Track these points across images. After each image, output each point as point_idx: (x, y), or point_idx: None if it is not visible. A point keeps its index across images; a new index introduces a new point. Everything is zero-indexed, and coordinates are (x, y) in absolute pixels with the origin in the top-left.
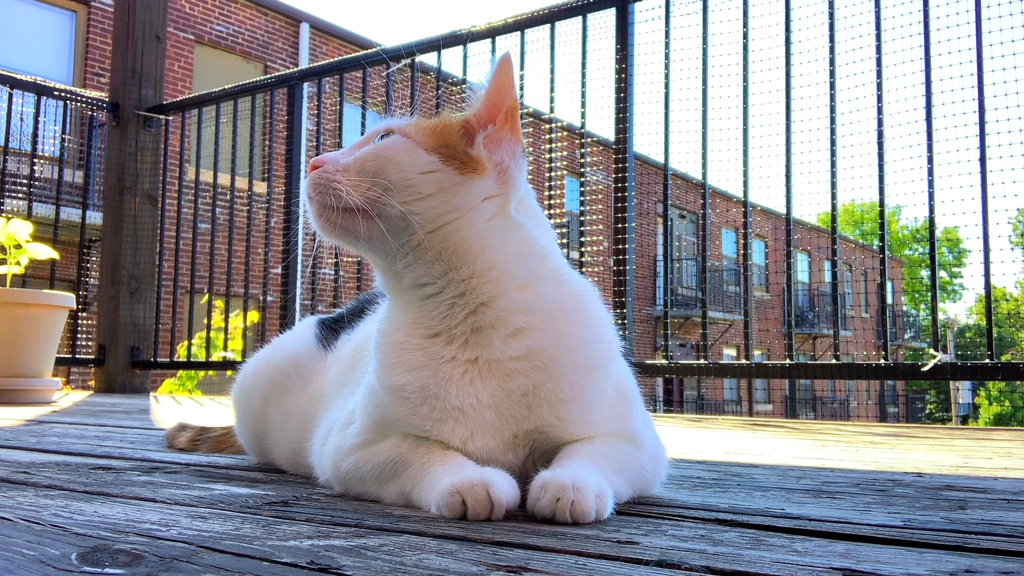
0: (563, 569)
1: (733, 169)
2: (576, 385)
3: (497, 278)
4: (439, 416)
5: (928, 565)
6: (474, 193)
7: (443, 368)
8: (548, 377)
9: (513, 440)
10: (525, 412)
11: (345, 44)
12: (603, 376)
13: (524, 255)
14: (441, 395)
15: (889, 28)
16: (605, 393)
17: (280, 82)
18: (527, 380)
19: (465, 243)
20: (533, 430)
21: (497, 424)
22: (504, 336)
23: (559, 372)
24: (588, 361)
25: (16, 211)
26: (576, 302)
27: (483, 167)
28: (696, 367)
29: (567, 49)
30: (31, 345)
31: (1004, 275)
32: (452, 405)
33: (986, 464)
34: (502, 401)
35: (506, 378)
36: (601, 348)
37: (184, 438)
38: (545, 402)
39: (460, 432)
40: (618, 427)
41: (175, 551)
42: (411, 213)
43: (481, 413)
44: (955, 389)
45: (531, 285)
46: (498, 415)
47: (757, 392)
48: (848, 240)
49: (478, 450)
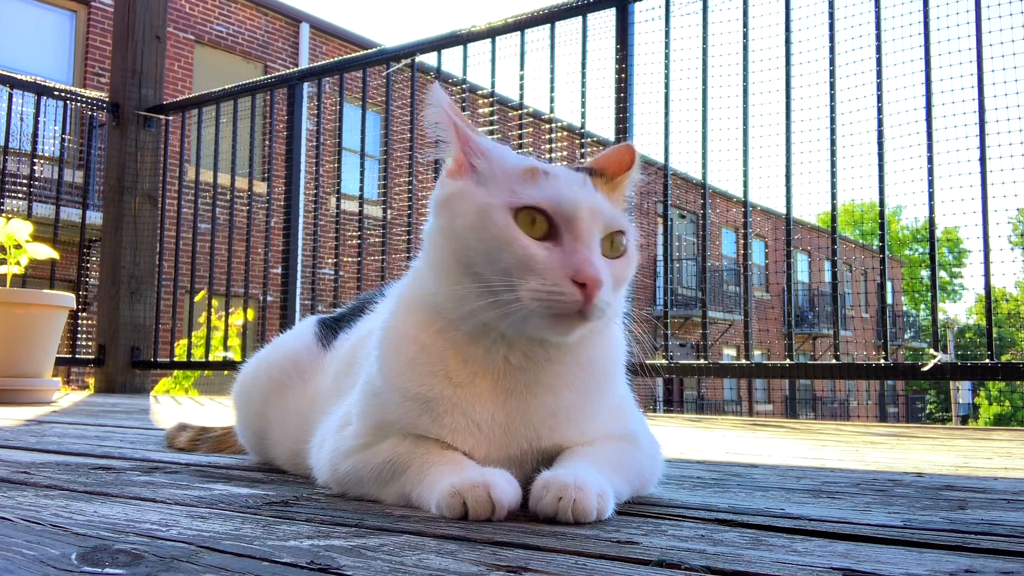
0: (563, 569)
1: (733, 169)
2: (599, 399)
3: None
4: (440, 429)
5: (928, 565)
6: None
7: (462, 389)
8: (580, 396)
9: (520, 455)
10: (546, 433)
11: (345, 44)
12: (615, 385)
13: None
14: (466, 408)
15: (889, 28)
16: (613, 400)
17: (280, 82)
18: (556, 400)
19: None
20: (540, 449)
21: (505, 441)
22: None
23: (588, 388)
24: (607, 375)
25: (16, 211)
26: None
27: None
28: (696, 367)
29: (567, 49)
30: (31, 345)
31: (1004, 275)
32: (474, 420)
33: (986, 464)
34: (515, 420)
35: (533, 397)
36: (619, 357)
37: (184, 438)
38: (572, 423)
39: (462, 443)
40: (617, 428)
41: (175, 551)
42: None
43: (494, 430)
44: (955, 389)
45: None
46: (506, 433)
47: (757, 392)
48: (848, 240)
49: (479, 461)
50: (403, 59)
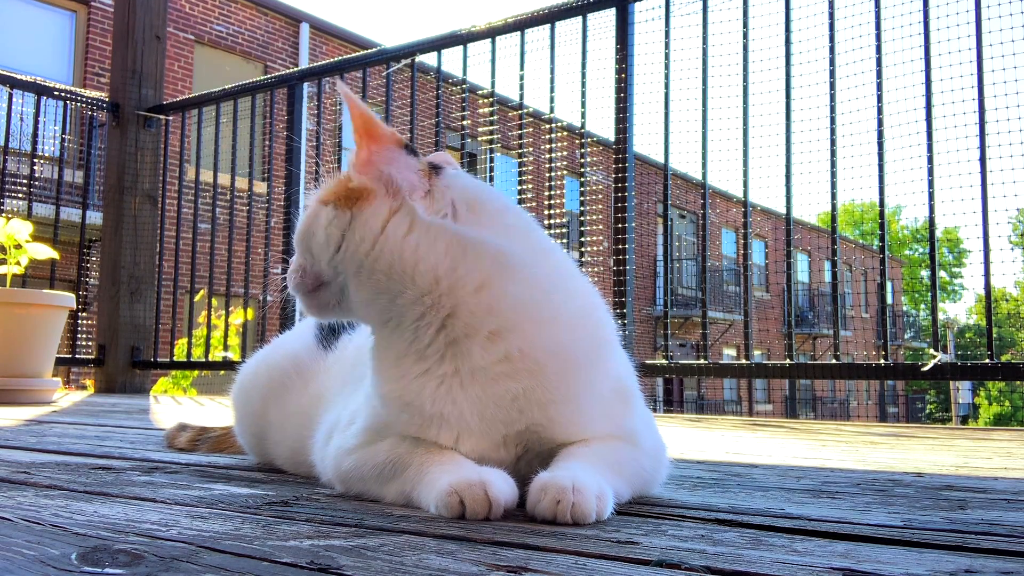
0: (563, 569)
1: (733, 169)
2: (564, 385)
3: (449, 288)
4: (421, 423)
5: (928, 565)
6: (371, 219)
7: (415, 382)
8: (537, 381)
9: (504, 440)
10: (516, 415)
11: (345, 44)
12: (595, 372)
13: (466, 257)
14: (416, 404)
15: (889, 28)
16: (599, 389)
17: (280, 82)
18: (516, 384)
19: (393, 267)
20: (524, 430)
21: (483, 428)
22: (482, 342)
23: (545, 374)
24: (575, 359)
25: (16, 211)
26: (556, 296)
27: (370, 192)
28: (696, 367)
29: (567, 49)
30: (31, 345)
31: (1004, 275)
32: (429, 413)
33: (986, 464)
34: (488, 407)
35: (492, 383)
36: (590, 344)
37: (184, 438)
38: (535, 404)
39: (446, 436)
40: (615, 425)
41: (175, 551)
42: (333, 263)
43: (464, 419)
44: (955, 389)
45: (488, 286)
46: (482, 420)
47: (757, 392)
48: (848, 240)
49: (468, 451)
50: (403, 59)
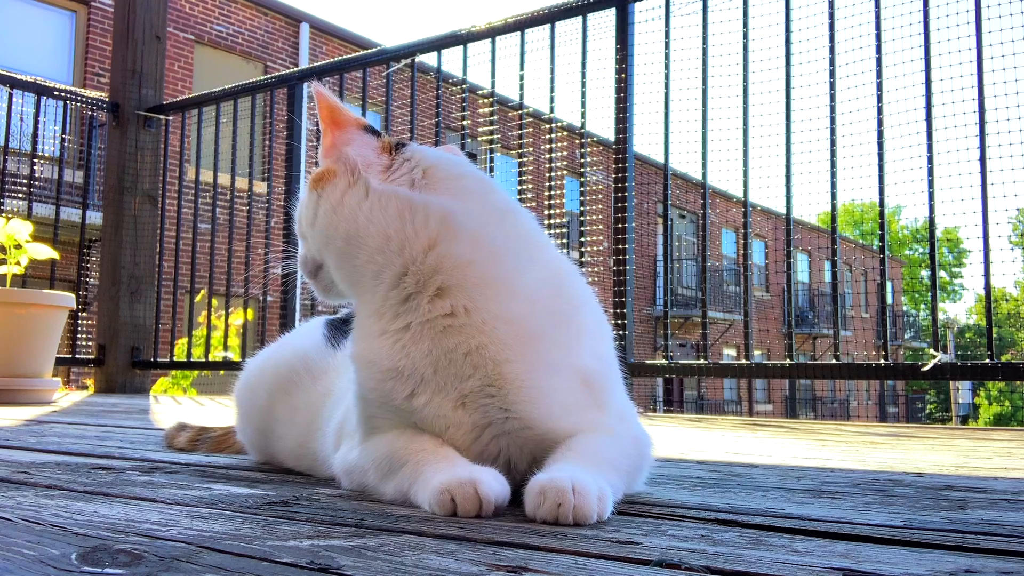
0: (563, 569)
1: (733, 169)
2: (520, 348)
3: (399, 246)
4: (380, 377)
5: (928, 565)
6: (331, 194)
7: (376, 341)
8: (489, 339)
9: (463, 400)
10: (470, 371)
11: (345, 44)
12: (558, 349)
13: (415, 218)
14: (375, 360)
15: (889, 28)
16: (565, 369)
17: (280, 82)
18: (468, 339)
19: (350, 233)
20: (479, 390)
21: (438, 381)
22: (430, 297)
23: (496, 334)
24: (530, 329)
25: (16, 211)
26: (508, 261)
27: (333, 172)
28: (696, 367)
29: (567, 49)
30: (31, 345)
31: (1004, 275)
32: (385, 368)
33: (986, 464)
34: (441, 359)
35: (442, 336)
36: (550, 319)
37: (184, 438)
38: (489, 360)
39: (401, 389)
40: (594, 417)
41: (175, 551)
42: (316, 243)
43: (418, 371)
44: (955, 389)
45: (435, 245)
46: (437, 372)
47: (757, 392)
48: (848, 240)
49: (423, 406)
50: (403, 59)
